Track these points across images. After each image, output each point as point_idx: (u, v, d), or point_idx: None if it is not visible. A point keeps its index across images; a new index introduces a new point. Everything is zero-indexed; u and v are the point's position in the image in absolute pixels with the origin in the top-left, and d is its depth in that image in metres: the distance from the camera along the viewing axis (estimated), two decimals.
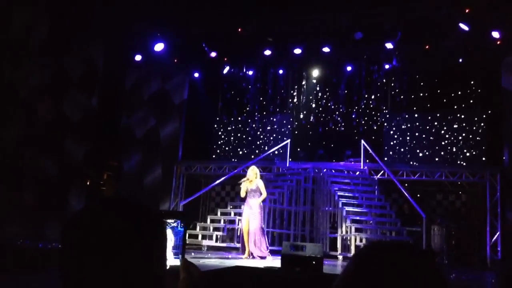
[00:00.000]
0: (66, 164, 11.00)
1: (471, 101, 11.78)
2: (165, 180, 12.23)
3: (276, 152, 11.97)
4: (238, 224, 9.86)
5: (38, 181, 10.32)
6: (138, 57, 12.05)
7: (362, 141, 10.96)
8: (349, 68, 12.53)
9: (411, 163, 11.49)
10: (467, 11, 9.63)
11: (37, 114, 10.29)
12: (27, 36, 9.87)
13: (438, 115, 11.82)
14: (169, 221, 4.44)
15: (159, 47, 11.45)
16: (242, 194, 8.38)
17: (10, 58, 9.50)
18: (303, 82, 13.39)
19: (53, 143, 10.73)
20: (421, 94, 12.17)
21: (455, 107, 11.84)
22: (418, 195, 11.32)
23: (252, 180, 8.36)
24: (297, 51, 11.22)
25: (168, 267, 1.00)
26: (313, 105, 13.26)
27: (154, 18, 10.99)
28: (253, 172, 8.44)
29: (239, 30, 11.11)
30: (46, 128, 10.51)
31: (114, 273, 0.89)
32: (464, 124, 11.58)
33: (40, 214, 10.32)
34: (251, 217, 8.20)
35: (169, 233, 4.41)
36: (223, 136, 13.62)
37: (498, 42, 9.88)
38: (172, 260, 4.37)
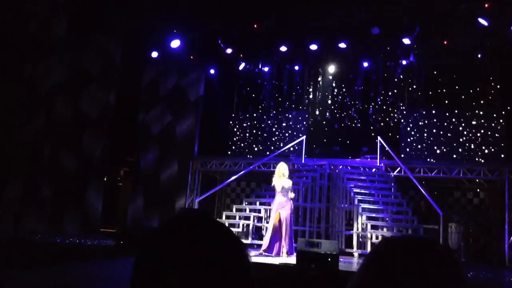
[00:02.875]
0: (84, 160, 11.15)
1: (490, 98, 11.60)
2: (181, 176, 12.30)
3: (292, 149, 11.93)
4: (253, 221, 9.87)
5: (57, 177, 10.48)
6: (154, 54, 12.12)
7: (379, 138, 10.86)
8: (365, 64, 12.43)
9: (428, 160, 11.36)
10: (486, 5, 9.47)
11: (56, 110, 10.43)
12: (45, 33, 9.99)
13: (456, 111, 11.66)
14: None
15: (175, 43, 11.50)
16: (279, 189, 8.15)
17: (29, 55, 9.63)
18: (319, 78, 13.33)
19: (71, 139, 10.88)
20: (439, 90, 12.01)
21: (474, 103, 11.66)
22: (436, 193, 11.19)
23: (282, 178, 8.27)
24: (313, 47, 11.16)
25: None
26: (329, 101, 13.19)
27: (170, 14, 11.04)
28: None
29: (255, 26, 11.10)
30: (64, 124, 10.66)
31: None
32: (482, 121, 11.40)
33: (58, 209, 10.48)
34: (281, 210, 8.00)
35: None
36: (238, 133, 13.63)
37: None
38: None
